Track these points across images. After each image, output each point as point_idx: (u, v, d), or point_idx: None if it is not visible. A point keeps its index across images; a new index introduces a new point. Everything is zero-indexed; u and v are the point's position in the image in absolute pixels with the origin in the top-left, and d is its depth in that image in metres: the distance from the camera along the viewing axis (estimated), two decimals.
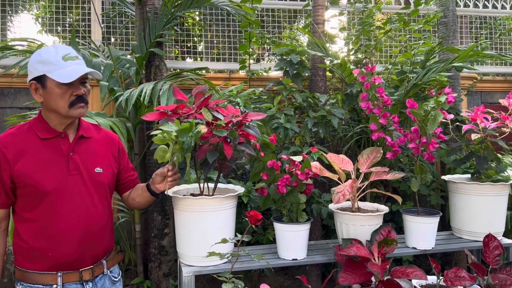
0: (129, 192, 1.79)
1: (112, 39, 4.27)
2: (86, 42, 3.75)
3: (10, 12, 4.38)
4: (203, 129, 1.85)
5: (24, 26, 4.48)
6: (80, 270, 1.54)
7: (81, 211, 1.53)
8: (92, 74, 1.54)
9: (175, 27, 3.52)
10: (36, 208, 1.49)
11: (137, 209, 1.78)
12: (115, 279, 1.71)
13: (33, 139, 1.52)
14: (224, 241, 1.62)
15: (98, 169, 1.60)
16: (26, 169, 1.47)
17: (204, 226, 1.88)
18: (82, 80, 1.51)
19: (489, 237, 2.12)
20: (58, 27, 4.06)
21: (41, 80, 1.47)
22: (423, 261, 3.31)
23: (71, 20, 4.45)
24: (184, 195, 1.94)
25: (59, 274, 1.50)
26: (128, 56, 3.22)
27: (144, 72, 2.90)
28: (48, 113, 1.53)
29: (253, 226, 1.57)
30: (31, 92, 1.51)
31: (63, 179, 1.51)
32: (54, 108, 1.49)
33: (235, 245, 1.79)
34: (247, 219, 1.58)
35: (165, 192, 1.75)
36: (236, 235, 1.68)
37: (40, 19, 4.49)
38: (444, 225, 3.01)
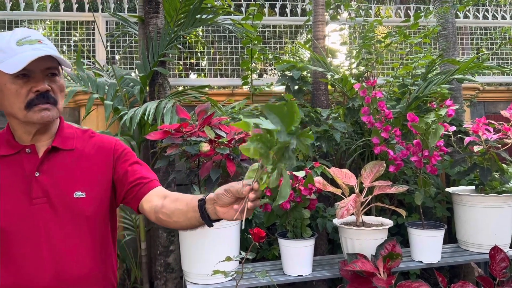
0: (147, 202, 1.17)
1: (117, 57, 4.34)
2: (90, 62, 3.82)
3: None
4: (205, 147, 1.88)
5: None
6: None
7: (49, 256, 1.09)
8: (55, 59, 1.10)
9: (178, 45, 3.58)
10: None
11: (172, 228, 1.21)
12: None
13: None
14: (228, 259, 1.63)
15: (78, 194, 1.14)
16: None
17: (209, 244, 1.89)
18: (50, 72, 1.11)
19: (495, 250, 2.11)
20: (64, 47, 4.13)
21: None
22: (431, 274, 3.27)
23: (76, 40, 4.53)
24: None
25: None
26: (132, 75, 3.26)
27: (148, 90, 2.94)
28: (10, 121, 1.15)
29: (257, 243, 1.58)
30: None
31: (23, 211, 1.09)
32: (10, 111, 1.10)
33: (240, 262, 1.79)
34: (250, 236, 1.59)
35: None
36: (240, 253, 1.69)
37: None
38: (451, 237, 2.99)
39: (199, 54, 4.56)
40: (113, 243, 1.26)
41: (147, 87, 2.92)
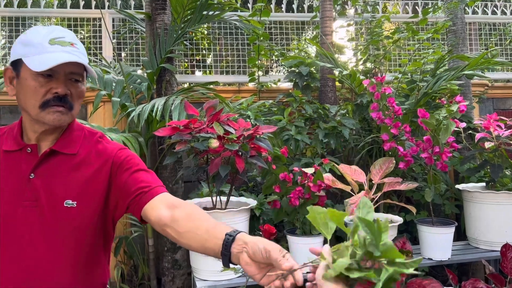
0: (152, 210, 1.06)
1: (123, 55, 4.34)
2: (97, 58, 3.82)
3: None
4: (214, 143, 1.87)
5: None
6: None
7: (30, 262, 1.05)
8: (82, 65, 1.08)
9: (184, 42, 3.58)
10: None
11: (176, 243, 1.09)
12: None
13: None
14: None
15: (69, 202, 1.08)
16: None
17: None
18: (74, 77, 1.09)
19: (507, 247, 2.09)
20: None
21: (17, 66, 1.08)
22: (439, 272, 3.25)
23: (83, 36, 4.54)
24: None
25: None
26: (139, 72, 3.26)
27: (155, 87, 2.93)
28: (23, 115, 1.13)
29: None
30: (4, 80, 1.12)
31: (12, 212, 1.06)
32: (24, 106, 1.09)
33: None
34: (260, 232, 1.58)
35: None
36: None
37: None
38: (460, 235, 2.96)
39: (204, 51, 4.55)
40: (106, 253, 1.20)
41: (154, 84, 2.91)
